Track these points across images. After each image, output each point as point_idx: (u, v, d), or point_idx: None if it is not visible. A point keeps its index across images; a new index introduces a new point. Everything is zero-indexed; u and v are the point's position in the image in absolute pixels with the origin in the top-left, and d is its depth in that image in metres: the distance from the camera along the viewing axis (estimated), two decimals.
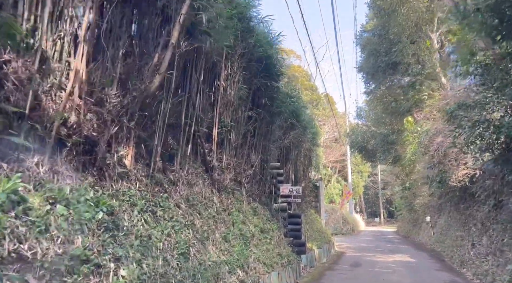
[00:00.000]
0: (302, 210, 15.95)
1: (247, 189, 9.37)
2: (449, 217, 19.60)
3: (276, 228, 9.93)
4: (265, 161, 10.65)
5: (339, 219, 32.57)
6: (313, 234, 14.56)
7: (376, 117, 28.56)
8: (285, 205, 11.13)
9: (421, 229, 26.64)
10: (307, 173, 18.36)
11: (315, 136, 17.86)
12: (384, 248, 19.55)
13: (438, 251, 18.24)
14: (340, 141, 44.13)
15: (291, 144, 14.02)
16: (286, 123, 13.64)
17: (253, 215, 9.00)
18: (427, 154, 15.51)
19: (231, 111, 8.19)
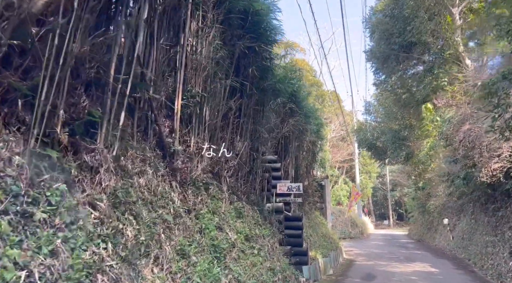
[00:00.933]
0: (305, 212, 13.71)
1: (230, 185, 7.19)
2: (472, 219, 17.19)
3: (269, 234, 7.72)
4: (256, 151, 8.46)
5: (347, 222, 30.17)
6: (318, 240, 12.31)
7: (386, 112, 26.19)
8: (280, 205, 8.91)
9: (437, 233, 24.17)
10: (310, 170, 16.11)
11: (319, 128, 15.62)
12: (399, 254, 17.18)
13: (461, 258, 15.84)
14: (348, 140, 41.77)
15: (291, 133, 11.80)
16: (284, 108, 11.43)
17: (236, 218, 6.80)
18: (450, 146, 13.18)
19: (202, 78, 6.01)
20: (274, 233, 8.14)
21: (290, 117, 11.43)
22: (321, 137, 16.04)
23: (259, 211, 8.06)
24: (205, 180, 6.17)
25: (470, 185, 13.52)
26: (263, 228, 7.67)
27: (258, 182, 8.33)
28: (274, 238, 7.97)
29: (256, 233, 7.23)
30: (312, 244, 11.30)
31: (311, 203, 15.50)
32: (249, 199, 7.86)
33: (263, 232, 7.55)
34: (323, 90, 38.56)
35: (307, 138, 14.69)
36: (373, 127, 28.38)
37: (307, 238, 11.25)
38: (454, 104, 12.71)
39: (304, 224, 11.80)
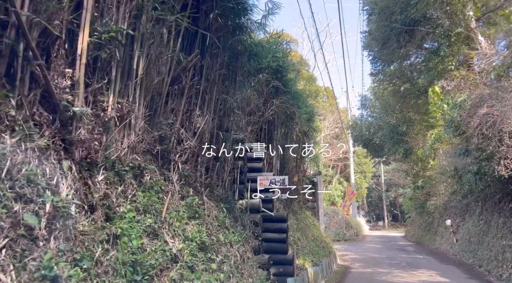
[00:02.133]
0: (293, 211, 11.72)
1: (182, 173, 5.16)
2: (480, 220, 15.30)
3: (238, 240, 5.70)
4: (225, 130, 6.44)
5: (341, 223, 28.24)
6: (308, 245, 10.32)
7: (383, 105, 24.31)
8: (257, 202, 6.90)
9: (438, 235, 22.29)
10: (301, 164, 14.12)
11: (311, 117, 13.64)
12: (400, 259, 15.24)
13: (470, 264, 13.93)
14: (342, 138, 39.92)
15: (276, 118, 9.80)
16: (267, 86, 9.44)
17: (189, 219, 4.78)
18: (461, 135, 11.26)
19: (129, 8, 3.98)
20: (247, 239, 6.12)
21: (275, 98, 9.44)
22: (313, 128, 14.05)
23: (228, 209, 6.05)
24: (136, 163, 4.15)
25: (483, 181, 11.60)
26: (231, 233, 5.65)
27: (227, 172, 6.31)
28: (246, 245, 5.95)
29: (219, 240, 5.21)
30: (300, 250, 9.30)
31: (301, 202, 13.52)
32: (213, 194, 5.84)
33: (231, 237, 5.53)
34: (317, 86, 36.68)
35: (297, 127, 12.71)
36: (369, 122, 26.48)
37: (294, 242, 9.26)
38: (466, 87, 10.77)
39: (291, 226, 9.81)
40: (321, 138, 38.69)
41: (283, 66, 9.58)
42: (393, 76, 20.01)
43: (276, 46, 9.71)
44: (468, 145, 11.75)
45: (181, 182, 5.08)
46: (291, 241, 8.97)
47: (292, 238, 9.22)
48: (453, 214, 20.04)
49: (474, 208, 16.55)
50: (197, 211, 5.01)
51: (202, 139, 5.63)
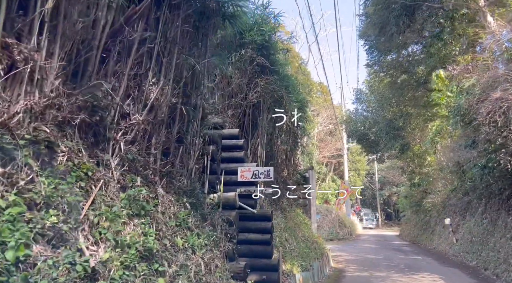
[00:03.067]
0: (282, 209, 10.46)
1: (125, 157, 3.87)
2: (484, 219, 14.17)
3: (204, 244, 4.42)
4: (192, 107, 5.14)
5: (334, 221, 27.07)
6: (297, 247, 9.07)
7: (379, 98, 23.15)
8: (232, 196, 5.60)
9: (435, 234, 21.19)
10: (292, 157, 12.87)
11: (303, 106, 12.37)
12: (398, 261, 14.06)
13: (473, 266, 12.79)
14: (336, 134, 38.81)
15: (261, 101, 8.52)
16: (251, 65, 8.16)
17: (131, 218, 3.50)
18: (469, 125, 10.09)
19: None
20: (218, 242, 4.83)
21: (260, 77, 8.17)
22: (305, 118, 12.79)
23: (193, 205, 4.76)
24: (41, 137, 2.84)
25: (491, 176, 10.45)
26: (194, 235, 4.37)
27: (194, 159, 5.01)
28: (215, 250, 4.66)
29: (176, 245, 3.93)
30: (288, 253, 8.04)
31: (291, 199, 12.26)
32: (173, 185, 4.54)
33: (193, 241, 4.24)
34: (311, 80, 35.48)
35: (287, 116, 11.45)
36: (364, 117, 25.34)
37: (281, 244, 8.00)
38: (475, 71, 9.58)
39: (278, 226, 8.56)
40: (314, 134, 37.55)
41: (270, 42, 8.31)
42: (390, 67, 18.85)
43: (262, 20, 8.42)
44: (476, 136, 10.58)
45: (124, 168, 3.78)
46: (277, 242, 7.72)
47: (278, 239, 7.97)
48: (452, 212, 18.93)
49: (476, 206, 15.42)
50: (145, 207, 3.71)
51: (157, 115, 4.33)
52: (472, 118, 9.96)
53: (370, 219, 45.96)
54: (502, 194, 11.73)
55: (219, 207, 5.27)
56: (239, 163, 7.34)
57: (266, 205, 8.75)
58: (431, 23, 13.16)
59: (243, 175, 7.20)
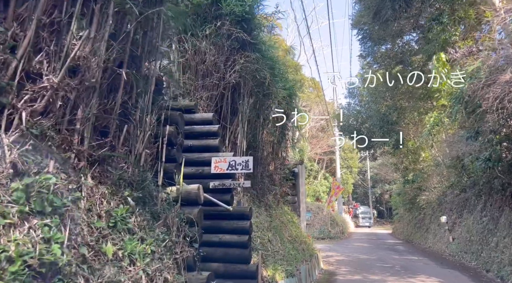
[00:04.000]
0: (267, 206, 9.38)
1: (28, 132, 2.77)
2: (483, 216, 13.27)
3: (150, 251, 3.33)
4: (143, 75, 4.02)
5: (326, 219, 26.14)
6: (283, 248, 8.01)
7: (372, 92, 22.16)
8: (194, 190, 4.48)
9: (430, 233, 20.35)
10: (279, 150, 11.81)
11: (291, 94, 11.32)
12: (393, 262, 13.10)
13: (473, 268, 11.89)
14: (328, 130, 37.91)
15: (242, 83, 7.42)
16: (228, 40, 7.05)
17: (25, 216, 2.42)
18: (473, 113, 9.12)
19: None
20: (172, 247, 3.73)
21: (240, 53, 7.07)
22: (295, 108, 11.72)
23: (140, 200, 3.66)
24: None
25: (497, 169, 9.50)
26: (135, 239, 3.27)
27: (143, 142, 3.90)
28: (167, 257, 3.56)
29: (102, 253, 2.84)
30: (271, 256, 6.97)
31: (278, 195, 11.21)
32: (111, 174, 3.43)
33: (133, 247, 3.15)
34: (302, 75, 34.48)
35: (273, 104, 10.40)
36: (357, 111, 24.37)
37: (263, 246, 6.93)
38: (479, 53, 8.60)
39: (261, 225, 7.49)
40: (306, 130, 36.58)
41: (251, 13, 7.20)
42: (385, 57, 17.87)
43: None
44: (479, 126, 9.61)
45: (25, 147, 2.67)
46: (257, 244, 6.65)
47: (260, 240, 6.90)
48: (448, 210, 18.07)
49: (475, 203, 14.54)
50: (54, 202, 2.61)
51: (86, 79, 3.21)
52: (476, 105, 8.99)
53: (367, 217, 44.83)
54: (506, 189, 10.80)
55: (178, 204, 4.16)
56: (214, 153, 6.27)
57: (247, 202, 7.67)
58: (430, 6, 12.18)
59: (217, 166, 6.14)
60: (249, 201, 7.83)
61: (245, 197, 7.74)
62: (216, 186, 6.00)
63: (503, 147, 8.87)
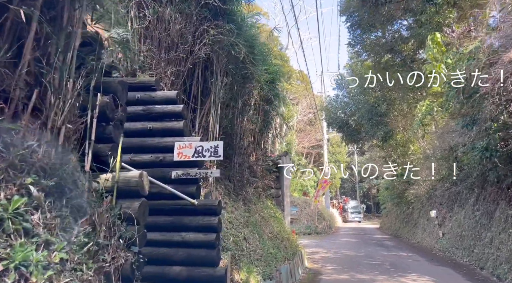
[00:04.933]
0: (247, 200, 8.46)
1: None
2: (476, 210, 12.61)
3: (56, 261, 2.39)
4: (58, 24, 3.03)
5: (313, 214, 25.43)
6: (261, 247, 7.12)
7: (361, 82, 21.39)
8: (135, 177, 3.55)
9: (418, 228, 19.77)
10: (261, 140, 10.90)
11: (275, 79, 10.40)
12: (381, 259, 12.37)
13: (466, 264, 11.22)
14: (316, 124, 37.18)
15: (215, 59, 6.45)
16: (197, 7, 6.06)
17: None
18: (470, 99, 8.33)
19: None
20: (96, 253, 2.79)
21: (210, 23, 6.09)
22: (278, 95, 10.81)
23: (58, 189, 2.70)
24: None
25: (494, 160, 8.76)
26: (33, 243, 2.32)
27: (63, 113, 2.93)
28: (87, 267, 2.63)
29: None
30: (246, 257, 6.07)
31: (260, 188, 10.31)
32: (4, 154, 2.45)
33: (26, 255, 2.20)
34: (290, 67, 33.59)
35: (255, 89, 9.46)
36: (345, 103, 23.61)
37: (237, 245, 6.02)
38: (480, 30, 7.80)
39: (237, 220, 6.59)
40: (294, 124, 35.78)
41: None
42: (374, 45, 17.06)
43: None
44: (476, 113, 8.85)
45: None
46: (229, 243, 5.73)
47: (233, 238, 5.98)
48: (438, 204, 17.46)
49: (467, 196, 13.89)
50: None
51: None
52: (473, 90, 8.21)
53: (356, 212, 44.18)
54: (502, 182, 10.10)
55: (113, 197, 3.21)
56: (177, 137, 5.33)
57: (221, 195, 6.75)
58: None
59: (181, 153, 5.21)
60: (223, 194, 6.91)
61: (219, 189, 6.81)
62: (179, 175, 5.07)
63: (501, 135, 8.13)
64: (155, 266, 4.88)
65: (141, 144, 5.32)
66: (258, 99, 9.99)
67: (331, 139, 44.72)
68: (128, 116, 5.49)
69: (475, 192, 12.85)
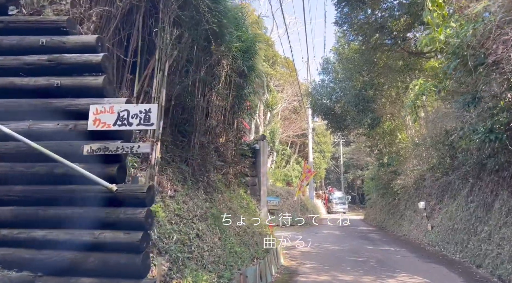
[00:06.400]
0: (213, 188, 7.01)
1: None
2: (470, 202, 11.48)
3: None
4: None
5: (296, 205, 24.23)
6: (221, 246, 5.72)
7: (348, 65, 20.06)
8: None
9: (405, 220, 18.72)
10: (234, 120, 9.43)
11: (251, 50, 8.90)
12: (366, 254, 11.15)
13: (460, 261, 10.08)
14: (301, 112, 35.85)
15: (161, 3, 4.91)
16: None
17: None
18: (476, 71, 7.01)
19: None
20: None
21: None
22: (255, 68, 9.31)
23: None
24: None
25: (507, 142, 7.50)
26: None
27: None
28: None
29: None
30: (195, 259, 4.64)
31: (231, 175, 8.87)
32: None
33: None
34: (276, 51, 32.05)
35: (224, 58, 7.96)
36: (331, 88, 22.27)
37: (184, 244, 4.57)
38: None
39: (190, 212, 5.15)
40: (278, 111, 34.38)
41: None
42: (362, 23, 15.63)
43: None
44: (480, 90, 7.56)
45: None
46: (170, 243, 4.29)
47: (177, 236, 4.54)
48: (426, 195, 16.37)
49: (459, 187, 12.76)
50: None
51: None
52: (480, 60, 6.88)
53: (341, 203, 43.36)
54: (503, 170, 8.91)
55: None
56: (95, 98, 3.83)
57: (170, 180, 5.27)
58: None
59: (98, 119, 3.76)
60: (174, 179, 5.43)
61: (168, 173, 5.34)
62: (93, 151, 3.61)
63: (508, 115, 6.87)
64: (56, 277, 3.45)
65: (44, 106, 3.81)
66: (229, 71, 8.50)
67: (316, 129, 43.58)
68: (28, 68, 3.96)
69: (469, 182, 11.70)
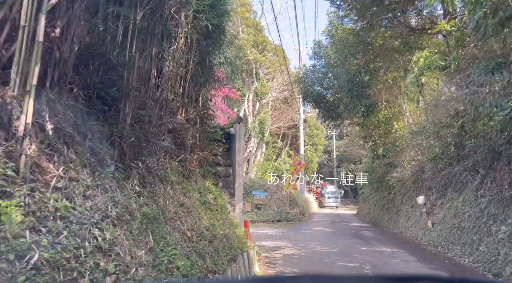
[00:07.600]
0: (157, 178, 5.20)
1: None
2: (481, 197, 9.84)
3: None
4: None
5: (284, 199, 22.53)
6: (160, 257, 3.97)
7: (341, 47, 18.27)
8: None
9: (401, 216, 17.11)
10: (197, 92, 7.59)
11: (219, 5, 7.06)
12: (359, 257, 9.45)
13: (468, 266, 8.41)
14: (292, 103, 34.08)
15: None
16: None
17: None
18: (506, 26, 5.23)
19: None
20: None
21: None
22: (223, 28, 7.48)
23: None
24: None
25: None
26: None
27: None
28: None
29: None
30: None
31: (194, 163, 7.06)
32: None
33: None
34: (265, 37, 30.14)
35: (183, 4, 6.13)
36: (323, 73, 20.50)
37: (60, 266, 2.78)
38: None
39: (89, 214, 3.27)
40: (268, 101, 32.59)
41: None
42: None
43: None
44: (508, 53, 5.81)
45: None
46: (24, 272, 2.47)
47: (46, 254, 2.72)
48: (425, 188, 14.75)
49: (466, 179, 11.09)
50: None
51: None
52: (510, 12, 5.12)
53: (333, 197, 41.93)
54: None
55: None
56: None
57: (72, 163, 3.46)
58: None
59: None
60: (78, 164, 3.60)
61: (69, 155, 3.52)
62: None
63: None
64: None
65: None
66: (189, 30, 6.66)
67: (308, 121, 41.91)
68: None
69: (479, 174, 10.04)
